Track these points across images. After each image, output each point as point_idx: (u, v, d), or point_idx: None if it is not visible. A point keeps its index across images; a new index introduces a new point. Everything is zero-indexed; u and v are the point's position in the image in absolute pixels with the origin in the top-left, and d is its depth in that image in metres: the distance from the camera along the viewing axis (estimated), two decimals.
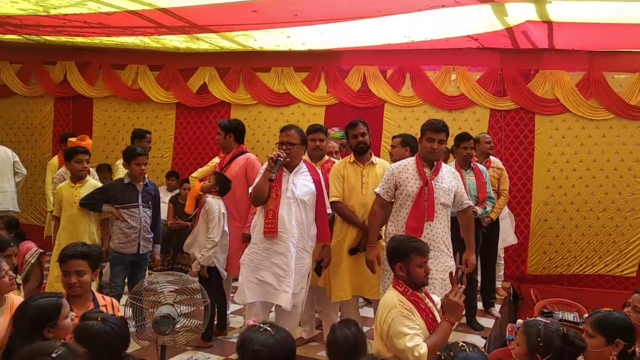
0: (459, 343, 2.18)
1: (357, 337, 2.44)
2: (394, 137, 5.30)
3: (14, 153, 6.78)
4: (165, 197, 6.93)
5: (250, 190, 4.02)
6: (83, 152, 4.84)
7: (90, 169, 5.22)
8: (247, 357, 2.03)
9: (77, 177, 4.83)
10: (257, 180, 4.00)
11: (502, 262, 6.36)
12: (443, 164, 4.03)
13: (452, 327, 2.79)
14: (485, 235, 5.45)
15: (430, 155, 3.90)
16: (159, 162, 8.00)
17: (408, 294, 2.88)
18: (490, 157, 5.80)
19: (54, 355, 1.71)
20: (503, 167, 5.86)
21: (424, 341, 2.73)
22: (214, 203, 4.50)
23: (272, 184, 3.89)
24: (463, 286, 2.85)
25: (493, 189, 5.46)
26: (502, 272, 6.33)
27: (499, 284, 6.20)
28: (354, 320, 2.60)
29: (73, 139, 5.71)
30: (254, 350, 2.00)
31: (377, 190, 4.07)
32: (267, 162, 3.95)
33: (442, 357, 2.13)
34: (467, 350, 2.13)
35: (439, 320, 2.91)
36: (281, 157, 3.87)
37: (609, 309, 2.92)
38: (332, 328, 2.52)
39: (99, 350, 1.95)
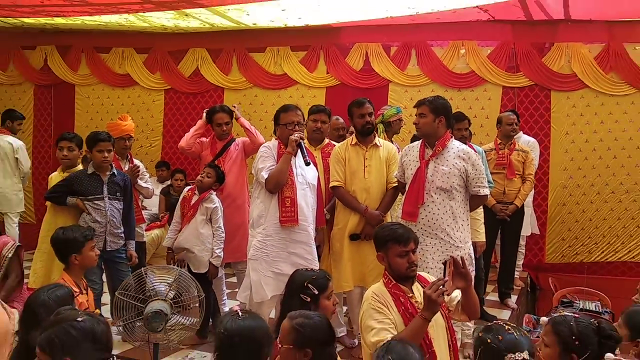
0: (505, 326, 2.08)
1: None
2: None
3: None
4: (156, 188, 6.16)
5: (264, 175, 3.81)
6: (67, 139, 4.38)
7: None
8: (216, 339, 2.11)
9: (66, 165, 4.44)
10: (272, 165, 3.86)
11: (523, 251, 5.80)
12: (454, 144, 3.59)
13: (426, 323, 2.49)
14: (508, 223, 5.02)
15: (418, 129, 3.72)
16: (148, 151, 7.27)
17: (390, 285, 2.67)
18: (517, 138, 5.29)
19: (79, 319, 1.84)
20: (529, 149, 5.21)
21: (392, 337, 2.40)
22: (217, 200, 4.34)
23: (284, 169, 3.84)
24: (446, 279, 2.58)
25: (518, 174, 5.01)
26: (521, 262, 5.76)
27: (516, 274, 5.65)
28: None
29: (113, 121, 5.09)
30: (218, 333, 2.10)
31: (394, 174, 4.00)
32: (288, 147, 3.87)
33: (488, 340, 2.04)
34: (515, 333, 2.04)
35: None
36: (302, 138, 3.83)
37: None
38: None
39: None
